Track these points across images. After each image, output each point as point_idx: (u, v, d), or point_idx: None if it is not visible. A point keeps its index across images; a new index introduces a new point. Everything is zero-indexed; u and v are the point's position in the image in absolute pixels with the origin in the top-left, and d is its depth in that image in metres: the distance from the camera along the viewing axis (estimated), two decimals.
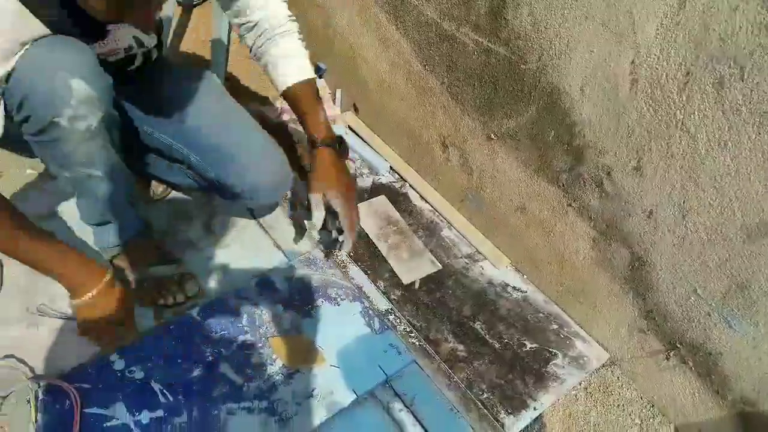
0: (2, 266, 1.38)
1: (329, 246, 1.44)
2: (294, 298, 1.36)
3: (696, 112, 0.93)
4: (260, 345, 1.26)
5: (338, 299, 1.37)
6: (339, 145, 1.28)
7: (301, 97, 1.26)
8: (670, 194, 1.04)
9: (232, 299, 1.34)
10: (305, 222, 1.54)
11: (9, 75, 0.98)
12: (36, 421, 1.13)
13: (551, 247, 1.36)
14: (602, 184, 1.15)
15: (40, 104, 1.00)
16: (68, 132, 1.04)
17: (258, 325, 1.30)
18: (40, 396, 1.15)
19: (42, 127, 1.03)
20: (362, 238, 1.52)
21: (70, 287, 1.11)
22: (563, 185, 1.24)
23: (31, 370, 1.20)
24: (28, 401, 1.14)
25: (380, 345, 1.29)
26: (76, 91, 1.00)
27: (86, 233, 1.39)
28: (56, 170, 1.17)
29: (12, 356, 1.22)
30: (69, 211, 1.42)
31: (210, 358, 1.23)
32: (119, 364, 1.20)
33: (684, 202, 1.03)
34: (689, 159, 0.98)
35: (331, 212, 1.25)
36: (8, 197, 1.51)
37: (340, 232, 1.28)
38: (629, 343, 1.29)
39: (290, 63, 1.25)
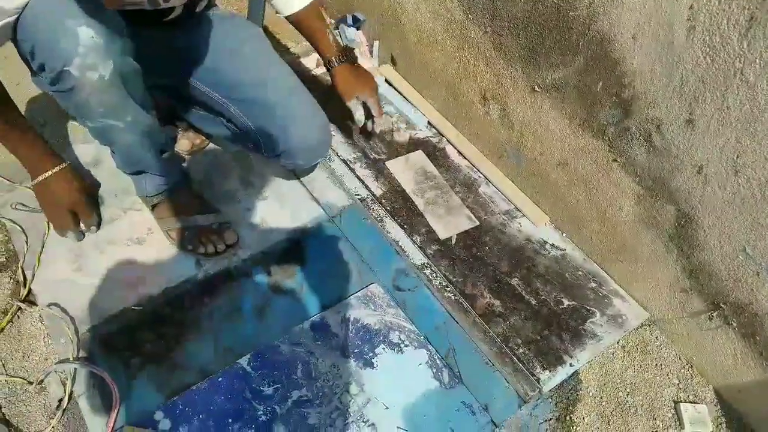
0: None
1: (365, 131, 1.58)
2: (353, 344, 1.24)
3: (757, 61, 0.88)
4: (317, 402, 1.16)
5: (402, 345, 1.25)
6: (348, 55, 1.43)
7: (307, 21, 1.39)
8: (723, 148, 1.00)
9: (285, 346, 1.22)
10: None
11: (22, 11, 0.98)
12: (64, 405, 1.14)
13: (593, 204, 1.33)
14: (651, 138, 1.11)
15: (49, 52, 1.00)
16: (81, 82, 1.03)
17: (314, 378, 1.19)
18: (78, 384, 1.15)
19: (55, 76, 1.03)
20: (398, 192, 1.51)
21: (29, 168, 1.32)
22: (609, 139, 1.20)
23: (72, 320, 1.24)
24: (64, 383, 1.17)
25: (452, 403, 1.17)
26: (82, 39, 0.98)
27: (129, 181, 1.42)
28: (80, 120, 1.18)
29: (56, 305, 1.27)
30: (112, 160, 1.44)
31: (263, 417, 1.13)
32: (165, 424, 1.11)
33: (737, 157, 0.99)
34: (746, 111, 0.93)
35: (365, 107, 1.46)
36: (54, 145, 1.55)
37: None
38: (670, 302, 1.27)
39: None
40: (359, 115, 1.45)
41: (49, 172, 1.32)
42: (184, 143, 1.57)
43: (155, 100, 1.24)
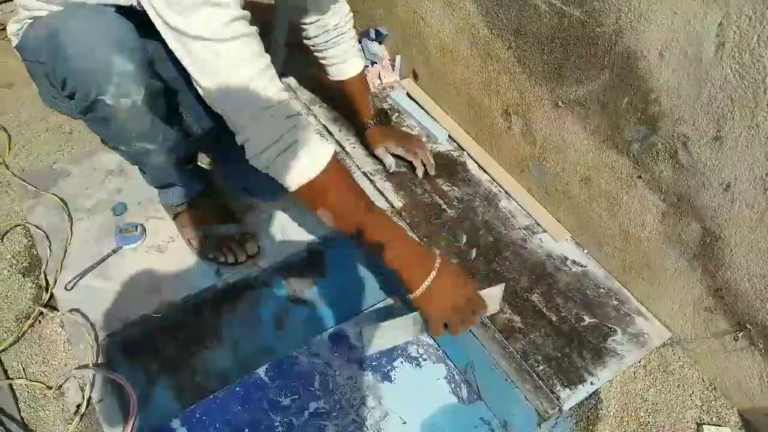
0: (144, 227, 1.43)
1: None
2: (371, 357, 1.24)
3: None
4: (334, 414, 1.15)
5: (420, 359, 1.25)
6: (383, 118, 1.56)
7: (353, 89, 1.50)
8: (752, 166, 0.99)
9: (303, 356, 1.22)
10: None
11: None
12: (82, 411, 1.14)
13: (616, 220, 1.31)
14: (677, 154, 1.10)
15: (82, 82, 1.00)
16: (115, 110, 1.04)
17: (332, 390, 1.18)
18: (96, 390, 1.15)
19: (88, 105, 1.04)
20: (419, 205, 1.51)
21: (406, 282, 1.02)
22: (634, 156, 1.19)
23: (92, 326, 1.25)
24: (82, 388, 1.17)
25: (470, 419, 1.17)
26: (116, 68, 0.99)
27: (152, 189, 1.43)
28: (112, 145, 1.19)
29: (77, 310, 1.27)
30: (136, 168, 1.45)
31: (279, 429, 1.13)
32: None
33: (766, 175, 0.97)
34: None
35: (396, 156, 1.58)
36: (78, 154, 1.58)
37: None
38: (694, 322, 1.25)
39: (347, 62, 1.46)
40: (388, 161, 1.56)
41: (429, 278, 1.01)
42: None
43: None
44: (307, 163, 0.94)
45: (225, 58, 0.87)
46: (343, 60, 1.45)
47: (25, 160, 1.60)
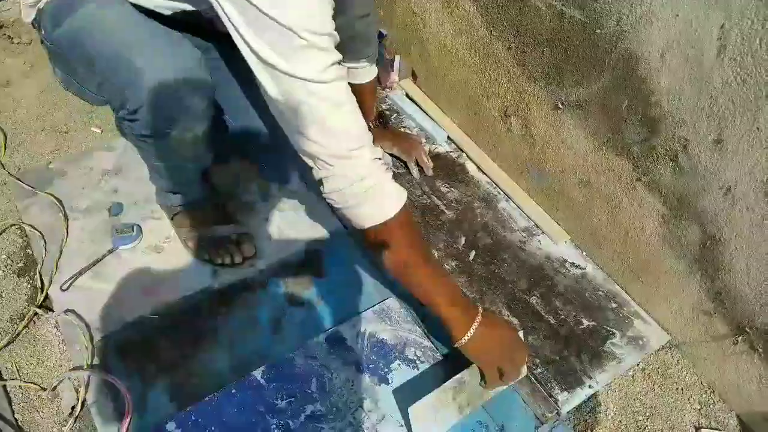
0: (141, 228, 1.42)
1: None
2: (368, 359, 1.22)
3: None
4: (331, 417, 1.14)
5: (417, 362, 1.22)
6: (381, 121, 1.57)
7: (362, 93, 1.39)
8: (753, 170, 0.98)
9: (300, 359, 1.21)
10: None
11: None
12: (76, 413, 1.13)
13: (615, 223, 1.31)
14: (677, 157, 1.09)
15: (155, 117, 1.02)
16: (177, 141, 1.07)
17: (328, 392, 1.16)
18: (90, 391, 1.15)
19: (152, 134, 1.06)
20: (417, 206, 1.50)
21: (452, 329, 1.05)
22: (634, 158, 1.18)
23: (87, 327, 1.24)
24: (77, 390, 1.17)
25: (467, 423, 1.14)
26: (193, 108, 1.02)
27: (149, 189, 1.42)
28: (150, 161, 1.22)
29: (73, 311, 1.26)
30: (133, 167, 1.45)
31: (276, 431, 1.12)
32: None
33: (767, 179, 0.97)
34: None
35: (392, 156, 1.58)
36: (74, 153, 1.57)
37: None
38: (693, 325, 1.24)
39: (365, 68, 1.44)
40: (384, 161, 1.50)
41: (472, 329, 1.05)
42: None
43: None
44: (381, 206, 0.96)
45: (326, 99, 0.87)
46: (362, 65, 1.43)
47: (20, 160, 1.59)
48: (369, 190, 0.94)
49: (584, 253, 1.43)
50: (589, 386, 1.21)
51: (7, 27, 1.94)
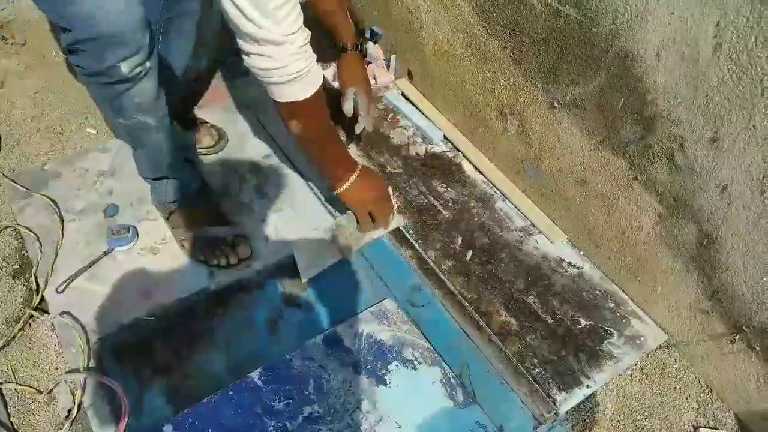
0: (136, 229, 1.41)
1: (351, 131, 1.57)
2: (365, 360, 1.22)
3: None
4: (329, 418, 1.13)
5: (415, 362, 1.22)
6: (360, 47, 1.49)
7: (331, 12, 1.43)
8: (749, 168, 0.98)
9: (297, 360, 1.20)
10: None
11: None
12: (73, 416, 1.13)
13: (612, 222, 1.31)
14: (673, 156, 1.09)
15: (99, 46, 1.00)
16: (129, 77, 1.05)
17: (326, 394, 1.16)
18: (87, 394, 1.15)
19: (101, 70, 1.03)
20: (413, 207, 1.49)
21: (331, 181, 1.32)
22: (630, 157, 1.18)
23: (83, 329, 1.23)
24: (73, 393, 1.16)
25: (466, 423, 1.14)
26: (138, 39, 1.01)
27: (144, 190, 1.42)
28: (112, 116, 1.19)
29: (68, 313, 1.26)
30: (128, 169, 1.44)
31: None
32: None
33: (763, 177, 0.96)
34: None
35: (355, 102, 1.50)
36: (69, 154, 1.56)
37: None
38: (690, 324, 1.24)
39: None
40: (348, 105, 1.48)
41: (351, 179, 1.31)
42: (206, 139, 1.59)
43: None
44: (296, 90, 1.11)
45: None
46: None
47: (15, 161, 1.58)
48: (290, 76, 1.06)
49: (581, 253, 1.43)
50: (587, 386, 1.20)
51: (2, 27, 1.93)
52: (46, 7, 1.00)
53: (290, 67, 1.05)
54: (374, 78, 1.81)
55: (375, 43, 1.83)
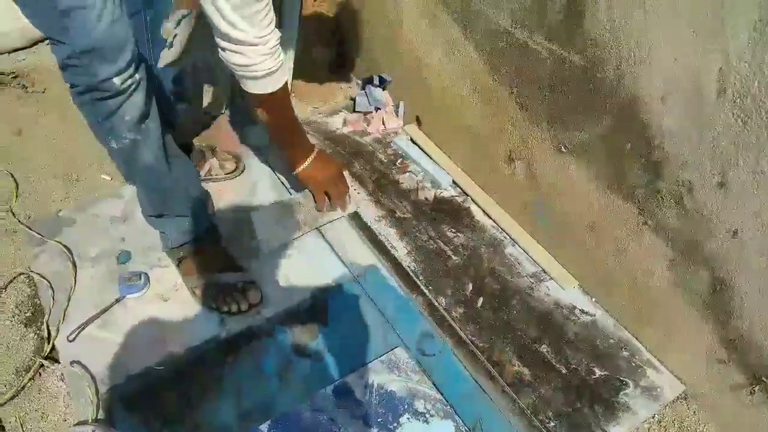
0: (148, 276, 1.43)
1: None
2: (376, 413, 1.19)
3: None
4: None
5: (427, 415, 1.19)
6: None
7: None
8: (759, 213, 0.96)
9: (307, 412, 1.18)
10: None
11: None
12: None
13: (623, 268, 1.28)
14: (682, 200, 1.08)
15: (93, 60, 1.03)
16: (118, 90, 1.08)
17: None
18: None
19: (94, 84, 1.06)
20: (423, 252, 1.49)
21: (291, 162, 1.49)
22: (639, 201, 1.17)
23: (93, 379, 1.23)
24: None
25: None
26: (129, 51, 1.05)
27: (156, 237, 1.43)
28: (106, 141, 1.20)
29: (79, 362, 1.26)
30: (140, 215, 1.46)
31: None
32: None
33: None
34: None
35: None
36: (83, 200, 1.59)
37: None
38: (707, 374, 1.20)
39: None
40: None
41: (307, 161, 1.47)
42: (228, 164, 1.67)
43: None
44: (265, 85, 1.23)
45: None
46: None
47: (31, 207, 1.61)
48: (260, 72, 1.18)
49: (593, 299, 1.40)
50: None
51: (23, 76, 1.99)
52: (42, 21, 1.03)
53: (261, 65, 1.17)
54: (383, 124, 1.83)
55: (383, 89, 1.86)
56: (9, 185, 1.65)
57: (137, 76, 1.10)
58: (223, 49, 1.14)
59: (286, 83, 1.29)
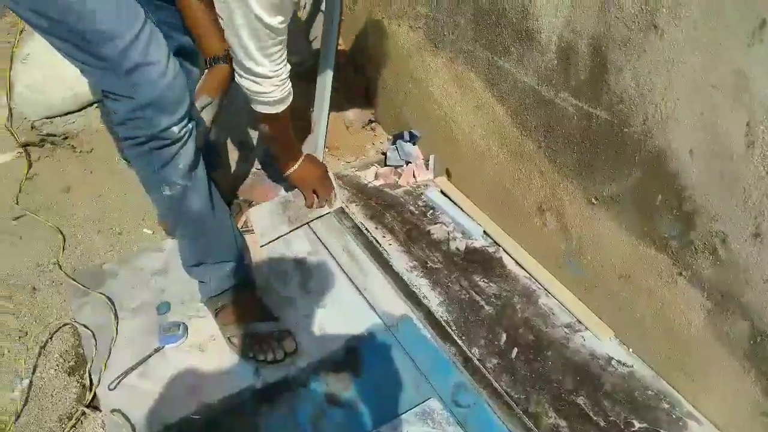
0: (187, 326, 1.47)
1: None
2: None
3: None
4: None
5: None
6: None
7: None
8: None
9: None
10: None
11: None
12: None
13: (659, 318, 1.28)
14: (716, 251, 1.09)
15: (162, 110, 1.13)
16: (178, 136, 1.17)
17: None
18: None
19: (153, 134, 1.15)
20: (455, 302, 1.50)
21: (284, 166, 1.68)
22: (672, 252, 1.18)
23: (132, 428, 1.25)
24: None
25: None
26: (187, 100, 1.15)
27: (195, 288, 1.47)
28: (157, 192, 1.28)
29: (119, 411, 1.28)
30: (180, 267, 1.50)
31: None
32: None
33: None
34: None
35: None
36: (127, 254, 1.65)
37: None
38: (751, 428, 1.17)
39: None
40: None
41: (296, 165, 1.68)
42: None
43: None
44: (271, 108, 1.42)
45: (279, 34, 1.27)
46: None
47: (77, 260, 1.68)
48: (269, 100, 1.38)
49: (630, 350, 1.39)
50: None
51: (72, 138, 2.10)
52: (111, 81, 1.10)
53: (271, 93, 1.37)
54: (414, 176, 1.88)
55: (414, 144, 1.92)
56: (57, 239, 1.72)
57: (190, 125, 1.21)
58: (240, 76, 1.34)
59: (288, 107, 1.48)
